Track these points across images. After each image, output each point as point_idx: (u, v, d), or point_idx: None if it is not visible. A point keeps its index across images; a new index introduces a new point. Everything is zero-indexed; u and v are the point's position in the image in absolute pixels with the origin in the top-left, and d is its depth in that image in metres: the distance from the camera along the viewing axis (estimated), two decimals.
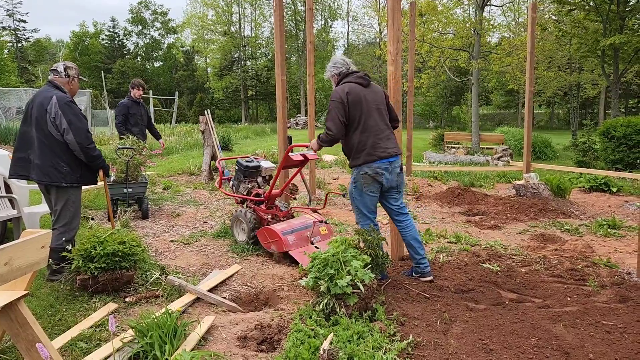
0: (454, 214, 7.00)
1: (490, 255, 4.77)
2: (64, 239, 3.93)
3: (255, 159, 5.63)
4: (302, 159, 4.70)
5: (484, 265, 4.43)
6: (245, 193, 5.38)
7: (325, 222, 4.94)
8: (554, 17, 20.25)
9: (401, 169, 4.05)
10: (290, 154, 4.57)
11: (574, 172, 9.96)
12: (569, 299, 3.62)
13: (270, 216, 5.09)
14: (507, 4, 25.72)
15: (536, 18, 9.37)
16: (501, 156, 14.94)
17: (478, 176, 10.26)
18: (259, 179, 5.51)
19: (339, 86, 3.96)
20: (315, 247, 4.55)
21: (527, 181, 8.08)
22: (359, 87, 3.90)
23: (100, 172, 4.28)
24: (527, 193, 7.72)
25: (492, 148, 16.34)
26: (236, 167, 5.56)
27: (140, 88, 7.31)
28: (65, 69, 4.12)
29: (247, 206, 5.27)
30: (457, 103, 39.46)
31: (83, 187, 4.25)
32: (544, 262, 4.51)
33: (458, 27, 17.31)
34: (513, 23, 26.53)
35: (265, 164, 5.50)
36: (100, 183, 4.75)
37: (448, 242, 5.33)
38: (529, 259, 4.65)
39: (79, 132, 3.90)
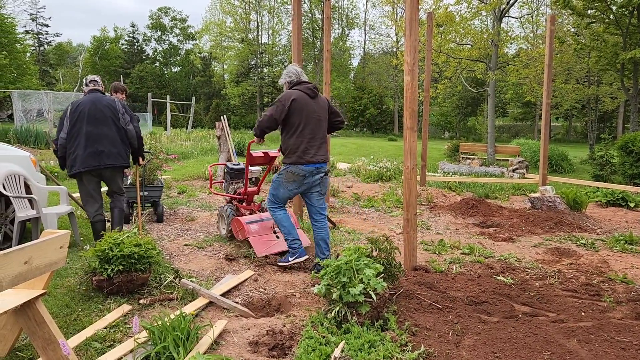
0: (468, 225, 6.96)
1: (504, 267, 4.74)
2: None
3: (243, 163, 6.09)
4: (264, 155, 5.25)
5: (498, 277, 4.39)
6: (232, 193, 5.92)
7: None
8: (572, 30, 20.11)
9: (326, 174, 4.59)
10: (251, 151, 5.15)
11: (590, 186, 9.84)
12: (583, 314, 3.58)
13: (248, 212, 5.61)
14: (526, 16, 25.61)
15: (554, 30, 9.33)
16: (517, 168, 14.81)
17: (493, 188, 10.18)
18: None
19: (290, 89, 4.48)
20: (277, 236, 5.07)
21: (543, 194, 8.00)
22: (306, 97, 4.41)
23: (140, 159, 5.35)
24: (542, 206, 7.65)
25: (508, 160, 16.21)
26: (225, 171, 6.21)
27: (123, 92, 7.55)
28: (100, 80, 5.25)
29: (231, 203, 5.81)
30: (472, 114, 39.30)
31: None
32: (559, 276, 4.46)
33: (475, 38, 17.27)
34: (531, 35, 26.37)
35: (253, 167, 5.84)
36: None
37: (461, 254, 5.30)
38: (543, 273, 4.61)
39: (135, 123, 5.15)
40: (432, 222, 7.10)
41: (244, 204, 5.67)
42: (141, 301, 3.66)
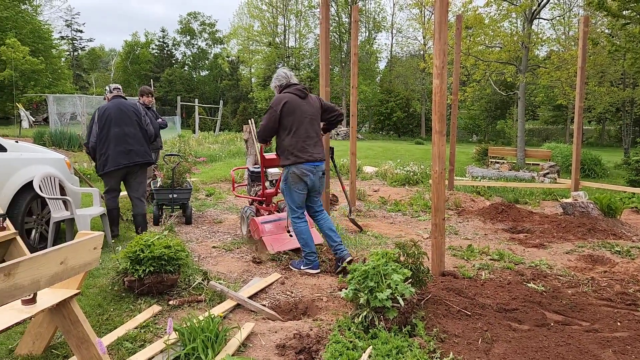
0: (497, 230, 6.84)
1: (535, 274, 4.64)
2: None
3: None
4: (277, 157, 5.26)
5: (528, 284, 4.30)
6: (254, 195, 6.14)
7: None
8: (607, 31, 19.58)
9: (323, 174, 4.72)
10: (264, 153, 5.37)
11: (625, 192, 9.55)
12: (619, 324, 3.47)
13: (267, 213, 5.77)
14: (557, 18, 25.08)
15: (588, 32, 9.11)
16: (548, 173, 14.49)
17: (523, 192, 9.98)
18: (267, 183, 6.04)
19: (280, 94, 4.62)
20: (290, 235, 5.19)
21: (575, 199, 7.81)
22: (297, 99, 4.54)
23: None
24: (574, 212, 7.47)
25: (538, 164, 15.88)
26: (247, 174, 6.48)
27: (149, 95, 7.81)
28: (121, 87, 5.90)
29: (252, 205, 6.03)
30: (502, 117, 38.62)
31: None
32: (593, 284, 4.34)
33: (505, 40, 16.99)
34: (563, 37, 25.82)
35: (272, 170, 5.97)
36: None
37: (490, 259, 5.21)
38: (576, 280, 4.49)
39: (155, 125, 6.05)
40: (461, 227, 7.00)
41: (264, 205, 5.83)
42: (170, 302, 3.71)
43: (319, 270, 4.62)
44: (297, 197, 4.61)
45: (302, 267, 4.62)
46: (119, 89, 5.80)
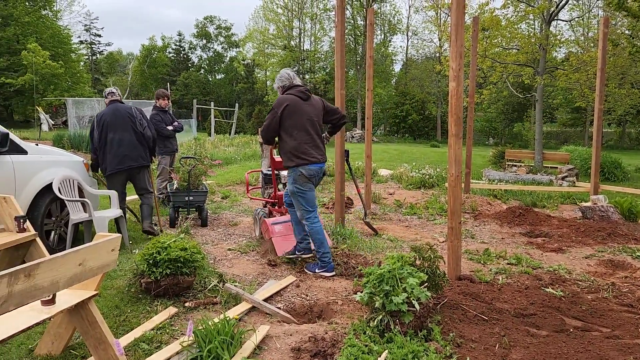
0: (515, 234, 6.75)
1: (553, 279, 4.57)
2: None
3: None
4: None
5: (547, 289, 4.24)
6: (267, 197, 6.26)
7: None
8: (627, 32, 19.26)
9: (324, 174, 4.85)
10: (274, 156, 5.49)
11: None
12: None
13: (280, 214, 5.79)
14: (576, 19, 24.74)
15: (608, 33, 8.97)
16: (566, 176, 14.28)
17: (541, 196, 9.85)
18: (280, 185, 6.12)
19: (281, 95, 4.66)
20: None
21: (595, 203, 7.68)
22: (299, 100, 4.56)
23: (152, 157, 6.12)
24: (594, 216, 7.34)
25: (557, 167, 15.65)
26: (261, 176, 6.60)
27: (166, 98, 7.88)
28: (117, 91, 6.04)
29: (265, 207, 6.13)
30: (518, 120, 38.17)
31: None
32: (613, 290, 4.26)
33: (522, 42, 16.79)
34: (582, 38, 25.47)
35: (284, 172, 5.96)
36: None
37: (508, 264, 5.14)
38: (596, 286, 4.41)
39: (151, 128, 5.99)
40: (477, 230, 6.93)
41: (276, 207, 5.89)
42: (186, 304, 3.74)
43: (334, 273, 4.61)
44: (311, 196, 4.64)
45: (317, 270, 4.61)
46: (114, 93, 5.95)
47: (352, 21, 42.11)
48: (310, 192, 4.63)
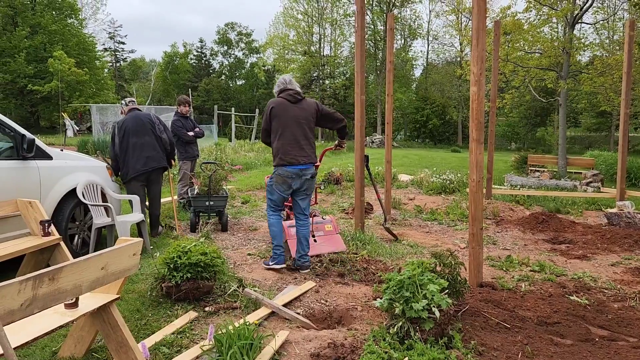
0: (538, 241, 6.64)
1: (577, 287, 4.47)
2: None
3: None
4: None
5: (571, 297, 4.15)
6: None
7: (329, 221, 5.71)
8: None
9: (312, 177, 4.81)
10: None
11: None
12: None
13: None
14: (601, 22, 24.28)
15: (634, 36, 8.78)
16: (591, 181, 13.99)
17: (564, 202, 9.66)
18: None
19: (272, 99, 4.86)
20: (314, 239, 5.34)
21: (621, 209, 7.50)
22: (287, 103, 4.72)
23: (171, 161, 6.49)
24: (620, 222, 7.17)
25: (581, 172, 15.35)
26: None
27: (187, 105, 7.99)
28: (136, 100, 6.56)
29: (283, 210, 6.11)
30: (541, 124, 37.61)
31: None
32: None
33: (545, 46, 16.54)
34: (607, 41, 24.99)
35: None
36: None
37: (531, 271, 5.05)
38: (622, 294, 4.30)
39: (168, 132, 6.35)
40: (499, 237, 6.83)
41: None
42: (206, 308, 3.76)
43: (284, 265, 4.83)
44: (277, 197, 4.82)
45: (270, 264, 4.85)
46: (134, 101, 6.41)
47: (372, 26, 42.10)
48: (279, 194, 4.78)
